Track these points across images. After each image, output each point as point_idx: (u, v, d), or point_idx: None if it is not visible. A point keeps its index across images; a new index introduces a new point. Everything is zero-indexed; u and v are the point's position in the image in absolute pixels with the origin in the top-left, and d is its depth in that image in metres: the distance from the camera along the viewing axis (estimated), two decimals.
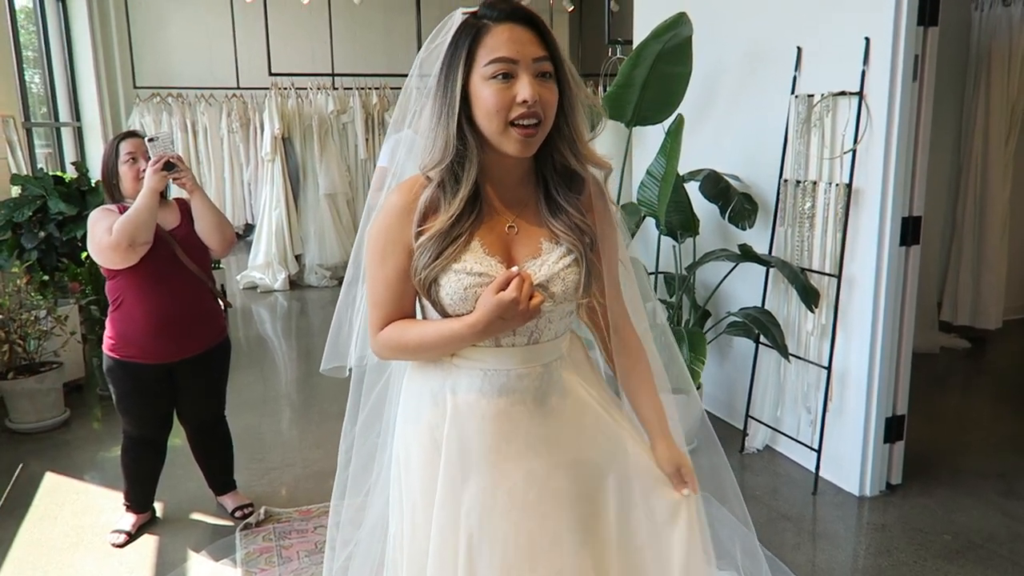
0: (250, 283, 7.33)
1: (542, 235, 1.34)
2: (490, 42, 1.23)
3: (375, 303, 1.38)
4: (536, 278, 1.29)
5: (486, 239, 1.31)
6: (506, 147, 1.25)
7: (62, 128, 6.92)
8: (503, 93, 1.22)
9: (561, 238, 1.33)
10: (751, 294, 3.60)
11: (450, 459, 1.36)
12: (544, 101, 1.23)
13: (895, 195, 2.95)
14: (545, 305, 1.30)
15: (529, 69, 1.23)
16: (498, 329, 1.28)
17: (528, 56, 1.23)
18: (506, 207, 1.35)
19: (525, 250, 1.33)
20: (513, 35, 1.23)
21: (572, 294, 1.34)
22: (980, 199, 5.20)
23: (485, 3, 1.28)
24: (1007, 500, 3.11)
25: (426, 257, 1.28)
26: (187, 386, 2.76)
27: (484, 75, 1.23)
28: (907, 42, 2.85)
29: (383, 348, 1.39)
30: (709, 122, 3.87)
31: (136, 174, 2.59)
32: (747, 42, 3.61)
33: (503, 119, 1.23)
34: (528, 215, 1.35)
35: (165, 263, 2.59)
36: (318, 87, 7.57)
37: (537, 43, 1.24)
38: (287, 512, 3.04)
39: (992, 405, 4.30)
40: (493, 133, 1.25)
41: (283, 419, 4.17)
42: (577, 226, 1.33)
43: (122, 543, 2.81)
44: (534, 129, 1.24)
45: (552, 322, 1.37)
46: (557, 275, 1.32)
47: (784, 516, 3.01)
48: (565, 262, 1.32)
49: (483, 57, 1.23)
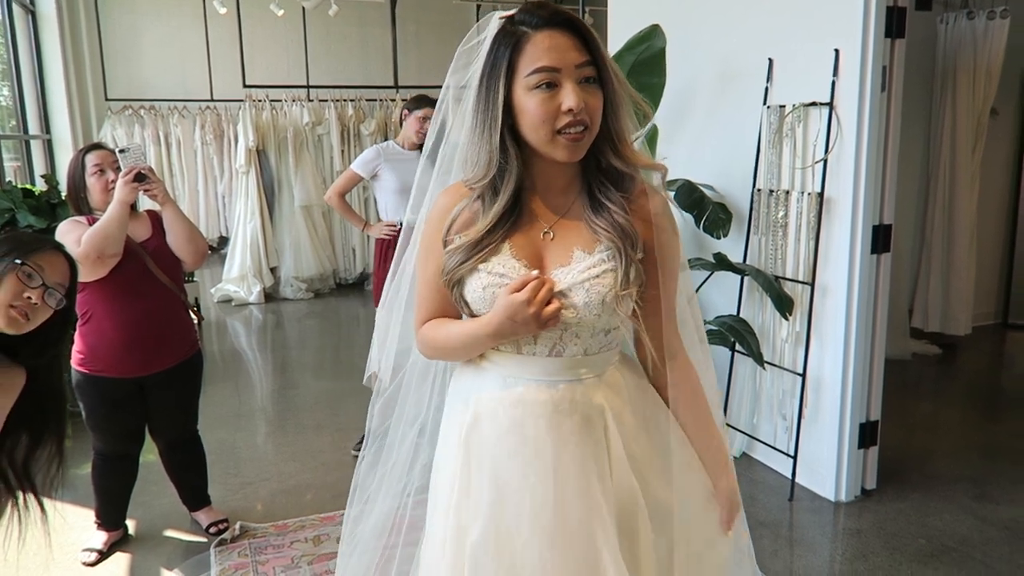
0: (225, 296, 7.26)
1: (577, 243, 1.30)
2: (531, 51, 1.21)
3: (419, 301, 1.41)
4: (559, 286, 1.26)
5: (517, 243, 1.29)
6: (555, 154, 1.24)
7: (31, 141, 6.82)
8: (548, 103, 1.20)
9: (601, 236, 1.28)
10: (726, 302, 3.63)
11: (469, 462, 1.34)
12: (590, 107, 1.21)
13: (866, 204, 3.00)
14: (568, 315, 1.26)
15: (572, 76, 1.20)
16: (509, 331, 1.25)
17: (570, 63, 1.20)
18: (548, 213, 1.32)
19: (556, 258, 1.30)
20: (554, 42, 1.20)
21: (597, 307, 1.26)
22: (948, 208, 5.29)
23: (523, 9, 1.24)
24: (979, 504, 3.15)
25: (455, 260, 1.29)
26: (159, 401, 2.72)
27: (527, 85, 1.21)
28: (875, 54, 2.90)
29: (423, 345, 1.42)
30: (684, 133, 3.90)
31: (104, 185, 2.56)
32: (720, 54, 3.65)
33: (550, 129, 1.21)
34: (568, 221, 1.32)
35: (136, 276, 2.56)
36: (293, 99, 7.54)
37: (579, 48, 1.21)
38: (263, 527, 3.00)
39: (963, 411, 4.37)
40: (540, 143, 1.24)
41: (258, 433, 4.13)
42: (619, 224, 1.27)
43: (93, 561, 2.75)
44: (581, 135, 1.22)
45: (580, 337, 1.30)
46: (580, 284, 1.26)
47: (761, 523, 3.03)
48: (594, 272, 1.26)
49: (525, 67, 1.21)
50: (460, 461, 1.35)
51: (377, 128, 7.70)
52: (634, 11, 4.07)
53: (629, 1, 4.28)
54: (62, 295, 1.65)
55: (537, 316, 1.21)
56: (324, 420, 4.17)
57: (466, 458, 1.35)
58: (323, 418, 4.21)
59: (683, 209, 3.61)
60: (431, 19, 8.90)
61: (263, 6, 7.55)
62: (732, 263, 3.36)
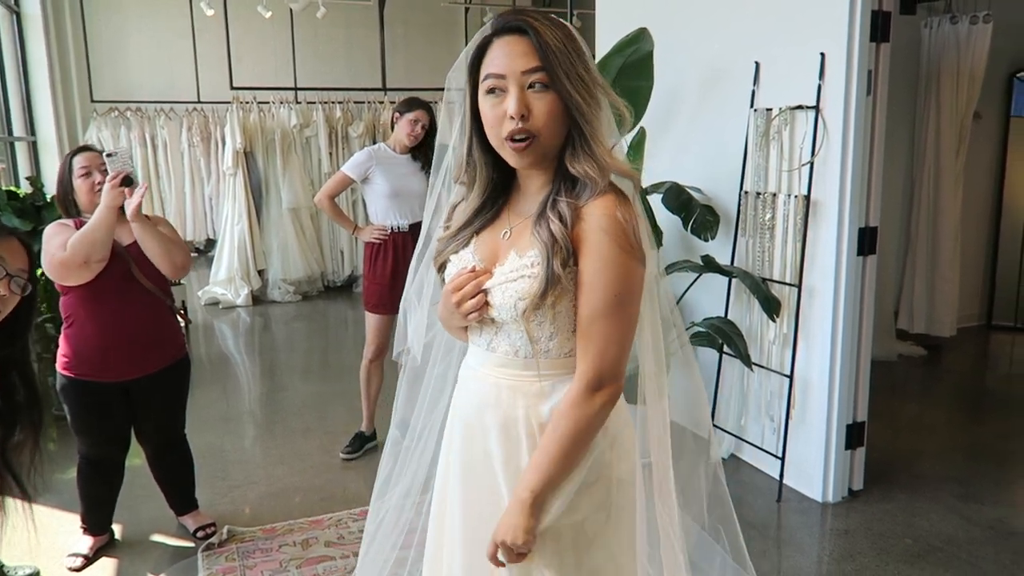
0: (212, 299, 7.21)
1: (517, 246, 1.31)
2: (488, 57, 1.25)
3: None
4: (488, 284, 1.32)
5: (482, 239, 1.37)
6: (508, 160, 1.28)
7: (16, 143, 6.76)
8: (496, 108, 1.24)
9: (535, 241, 1.26)
10: (714, 304, 3.64)
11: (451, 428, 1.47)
12: (535, 113, 1.22)
13: (852, 206, 3.02)
14: (491, 313, 1.31)
15: (517, 82, 1.22)
16: (444, 316, 1.40)
17: (517, 69, 1.22)
18: (517, 215, 1.36)
19: (502, 256, 1.33)
20: (505, 49, 1.23)
21: (510, 309, 1.27)
22: (933, 210, 5.33)
23: (500, 14, 1.29)
24: (965, 504, 3.18)
25: (438, 247, 1.43)
26: (144, 405, 2.70)
27: (483, 90, 1.26)
28: (860, 58, 2.93)
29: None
30: (671, 136, 3.92)
31: (91, 187, 2.55)
32: (707, 57, 3.67)
33: (498, 134, 1.25)
34: (525, 223, 1.32)
35: (120, 279, 2.54)
36: (281, 101, 7.51)
37: (529, 55, 1.21)
38: (251, 531, 2.99)
39: (949, 411, 4.40)
40: (496, 147, 1.29)
41: (246, 436, 4.11)
42: (551, 233, 1.24)
43: (79, 567, 2.73)
44: (523, 143, 1.23)
45: (510, 336, 1.32)
46: (500, 286, 1.29)
47: (750, 524, 3.04)
48: (513, 276, 1.28)
49: (483, 73, 1.26)
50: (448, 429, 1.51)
51: (365, 130, 7.67)
52: (621, 15, 4.09)
53: (617, 5, 4.30)
54: (26, 279, 1.63)
55: (458, 305, 1.33)
56: (312, 423, 4.16)
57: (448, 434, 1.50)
58: (311, 421, 4.19)
59: (671, 211, 3.63)
60: (419, 21, 8.88)
61: (250, 8, 7.51)
62: (720, 265, 3.37)
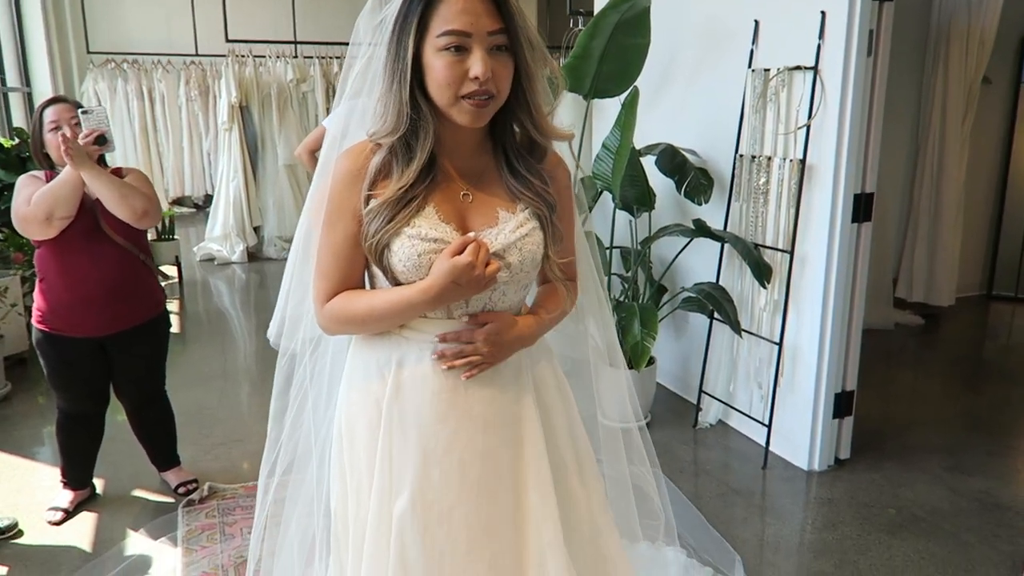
0: (207, 255, 7.19)
1: (498, 205, 1.31)
2: (444, 11, 1.18)
3: (321, 274, 1.33)
4: (492, 247, 1.27)
5: (441, 206, 1.28)
6: (457, 118, 1.23)
7: (10, 93, 6.68)
8: (455, 67, 1.19)
9: (522, 199, 1.32)
10: (706, 269, 3.59)
11: (391, 433, 1.33)
12: (498, 76, 1.20)
13: (847, 171, 2.94)
14: (501, 275, 1.27)
15: (483, 43, 1.19)
16: (451, 295, 1.25)
17: (483, 29, 1.18)
18: (460, 176, 1.32)
19: (481, 219, 1.30)
20: (468, 6, 1.18)
21: (530, 264, 1.31)
22: (936, 177, 5.23)
23: None
24: (952, 475, 3.16)
25: (378, 221, 1.24)
26: (121, 361, 2.68)
27: (436, 46, 1.19)
28: (862, 16, 2.82)
29: (330, 321, 1.34)
30: (667, 96, 3.83)
31: (60, 141, 2.48)
32: (706, 15, 3.56)
33: (454, 92, 1.20)
34: (485, 185, 1.32)
35: (88, 234, 2.49)
36: (277, 55, 7.39)
37: (492, 15, 1.19)
38: (232, 488, 2.98)
39: (943, 381, 4.37)
40: (444, 104, 1.22)
41: (234, 394, 4.10)
42: (540, 194, 1.32)
43: (59, 520, 2.73)
44: (486, 102, 1.21)
45: (507, 295, 1.34)
46: (514, 244, 1.29)
47: (734, 490, 3.03)
48: (522, 231, 1.30)
49: (436, 27, 1.19)
50: (381, 433, 1.34)
51: None
52: None
53: None
54: None
55: (480, 278, 1.23)
56: None
57: (387, 430, 1.33)
58: None
59: (664, 174, 3.56)
60: None
61: None
62: (711, 230, 3.31)
